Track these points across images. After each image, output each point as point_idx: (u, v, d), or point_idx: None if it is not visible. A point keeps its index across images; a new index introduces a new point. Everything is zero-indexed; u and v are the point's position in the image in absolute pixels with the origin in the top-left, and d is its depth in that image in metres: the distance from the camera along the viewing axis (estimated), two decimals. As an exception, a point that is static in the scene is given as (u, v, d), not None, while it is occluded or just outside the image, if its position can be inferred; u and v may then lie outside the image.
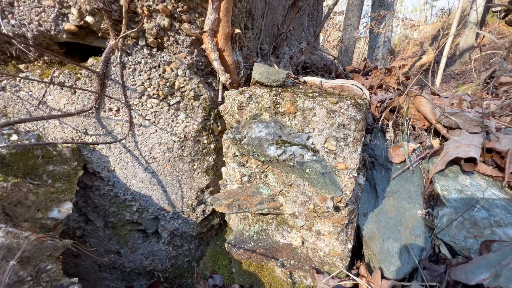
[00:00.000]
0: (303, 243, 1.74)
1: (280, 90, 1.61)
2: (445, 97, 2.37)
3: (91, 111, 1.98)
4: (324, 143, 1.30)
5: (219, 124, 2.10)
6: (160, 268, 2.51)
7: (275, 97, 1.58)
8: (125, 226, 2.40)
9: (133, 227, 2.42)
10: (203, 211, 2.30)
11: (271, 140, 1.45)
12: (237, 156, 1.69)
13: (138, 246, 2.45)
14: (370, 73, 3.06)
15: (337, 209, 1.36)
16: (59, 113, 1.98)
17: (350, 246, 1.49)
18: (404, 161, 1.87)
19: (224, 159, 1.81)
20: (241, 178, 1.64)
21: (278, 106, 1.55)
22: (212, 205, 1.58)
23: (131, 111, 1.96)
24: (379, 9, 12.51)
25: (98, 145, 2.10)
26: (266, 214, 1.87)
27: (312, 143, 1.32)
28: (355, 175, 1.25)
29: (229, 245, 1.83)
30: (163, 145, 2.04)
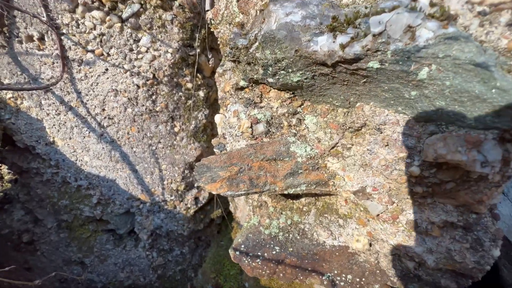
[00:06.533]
0: (371, 244, 0.96)
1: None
2: None
3: (-3, 42, 1.19)
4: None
5: (210, 57, 1.29)
6: (142, 282, 1.77)
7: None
8: (86, 225, 1.66)
9: (98, 227, 1.68)
10: (196, 198, 1.53)
11: (314, 26, 0.64)
12: (242, 89, 0.89)
13: (108, 253, 1.71)
14: None
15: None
16: None
17: (496, 253, 0.71)
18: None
19: (219, 102, 1.02)
20: (252, 127, 0.84)
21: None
22: (198, 180, 0.80)
23: (62, 36, 1.17)
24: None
25: (23, 104, 1.33)
26: (299, 197, 1.09)
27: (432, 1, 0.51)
28: None
29: (237, 252, 1.06)
30: (121, 94, 1.25)
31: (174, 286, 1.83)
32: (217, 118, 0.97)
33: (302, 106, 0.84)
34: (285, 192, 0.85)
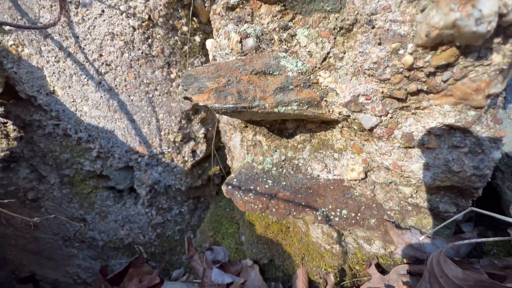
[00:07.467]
0: (366, 174, 0.92)
1: None
2: None
3: (-2, -16, 1.21)
4: None
5: (206, 0, 1.27)
6: (142, 240, 1.79)
7: None
8: (87, 181, 1.69)
9: (98, 183, 1.70)
10: (193, 151, 1.53)
11: None
12: (233, 9, 0.87)
13: (108, 210, 1.74)
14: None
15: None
16: None
17: (497, 155, 0.65)
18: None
19: (214, 32, 1.00)
20: (241, 42, 0.82)
21: None
22: (186, 91, 0.78)
23: (59, -23, 1.18)
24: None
25: (24, 52, 1.36)
26: (293, 135, 1.06)
27: None
28: None
29: (229, 186, 1.04)
30: (118, 38, 1.25)
31: (173, 246, 1.84)
32: (208, 43, 0.95)
33: (293, 21, 0.81)
34: (275, 110, 0.83)
